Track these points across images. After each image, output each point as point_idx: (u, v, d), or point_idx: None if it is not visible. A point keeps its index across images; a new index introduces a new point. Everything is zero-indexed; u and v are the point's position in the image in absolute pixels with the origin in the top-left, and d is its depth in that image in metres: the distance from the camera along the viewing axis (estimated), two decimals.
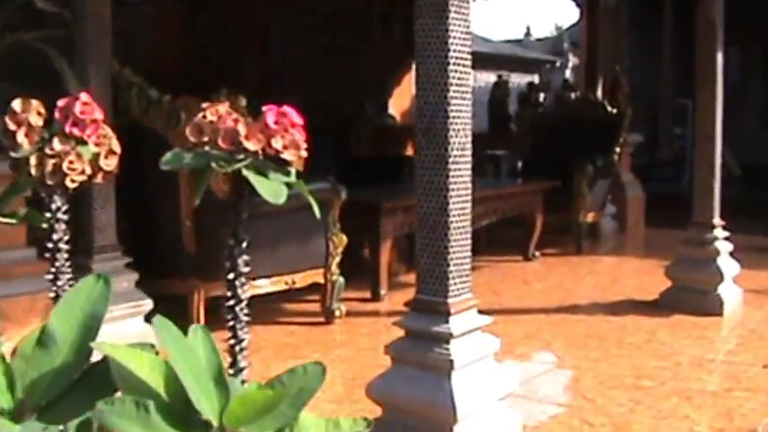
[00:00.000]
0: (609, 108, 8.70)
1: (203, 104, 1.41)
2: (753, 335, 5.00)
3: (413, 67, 3.10)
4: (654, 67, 14.15)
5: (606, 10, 9.93)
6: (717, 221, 5.59)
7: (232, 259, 1.45)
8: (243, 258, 1.46)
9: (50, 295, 1.54)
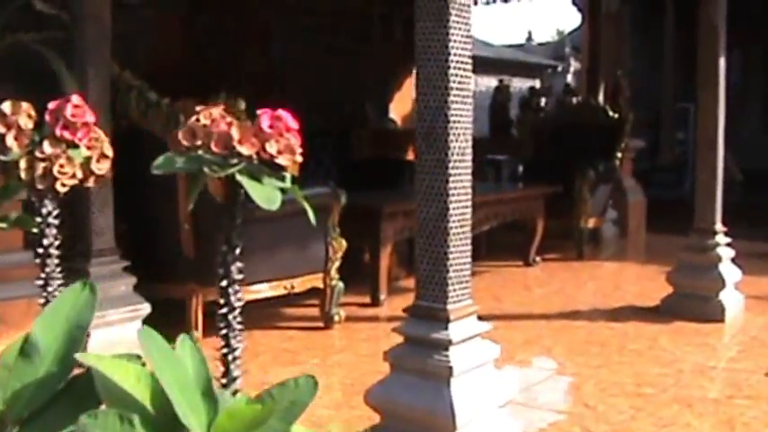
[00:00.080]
0: (610, 113, 8.68)
1: (197, 107, 1.38)
2: (754, 342, 4.96)
3: (413, 70, 3.07)
4: (655, 72, 14.11)
5: (608, 14, 9.92)
6: (718, 227, 5.55)
7: (225, 266, 1.42)
8: (236, 265, 1.42)
9: (40, 301, 1.50)
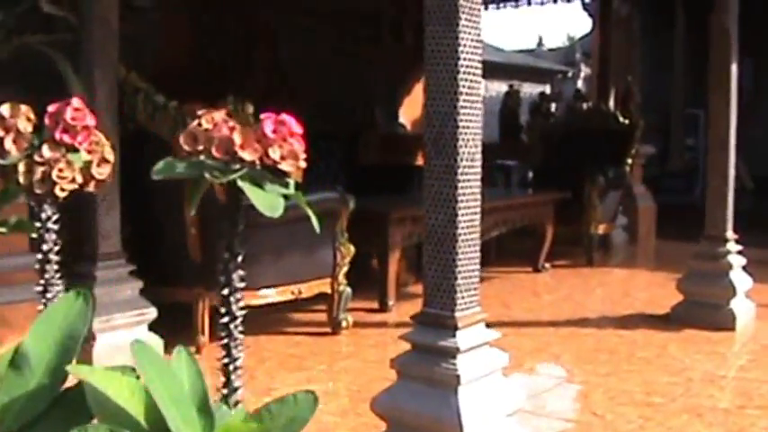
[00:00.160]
0: (621, 118, 8.64)
1: (199, 111, 1.34)
2: (766, 351, 4.91)
3: (423, 74, 3.03)
4: (665, 77, 14.05)
5: (618, 20, 9.88)
6: (729, 235, 5.49)
7: (227, 274, 1.38)
8: (238, 273, 1.39)
9: (39, 308, 1.47)
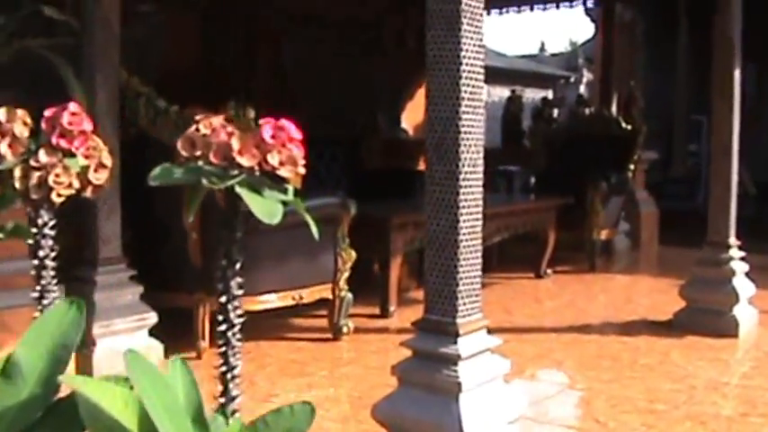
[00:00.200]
0: (623, 124, 8.63)
1: (197, 116, 1.33)
2: None
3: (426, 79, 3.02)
4: (668, 83, 14.03)
5: (621, 25, 9.87)
6: (732, 241, 5.47)
7: (225, 281, 1.36)
8: (236, 280, 1.37)
9: (35, 315, 1.45)
